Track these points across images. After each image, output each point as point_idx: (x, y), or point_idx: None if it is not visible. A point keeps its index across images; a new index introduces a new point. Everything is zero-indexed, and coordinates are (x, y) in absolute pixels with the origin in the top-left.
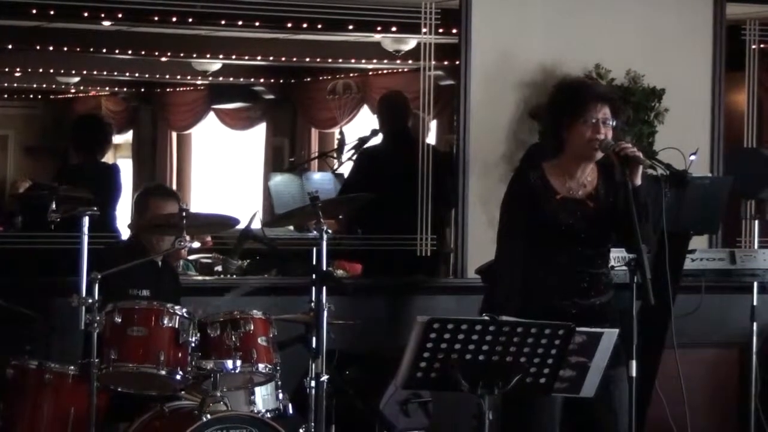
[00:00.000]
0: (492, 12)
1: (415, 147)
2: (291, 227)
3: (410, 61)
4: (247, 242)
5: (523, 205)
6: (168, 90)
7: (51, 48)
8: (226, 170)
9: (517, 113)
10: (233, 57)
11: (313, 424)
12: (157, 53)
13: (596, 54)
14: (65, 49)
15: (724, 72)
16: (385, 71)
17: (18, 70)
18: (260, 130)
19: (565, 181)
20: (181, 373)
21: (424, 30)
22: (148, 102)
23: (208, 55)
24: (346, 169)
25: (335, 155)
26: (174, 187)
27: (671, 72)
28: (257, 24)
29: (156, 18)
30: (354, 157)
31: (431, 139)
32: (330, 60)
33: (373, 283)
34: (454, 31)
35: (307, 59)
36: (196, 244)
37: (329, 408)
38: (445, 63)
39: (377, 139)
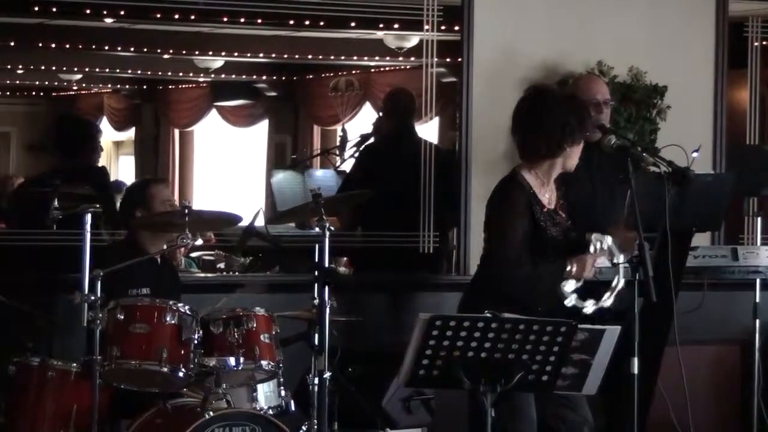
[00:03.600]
0: (494, 9)
1: (419, 144)
2: (293, 224)
3: (412, 59)
4: (250, 239)
5: (524, 212)
6: (170, 87)
7: (53, 45)
8: (229, 167)
9: None
10: (235, 54)
11: (315, 421)
12: (159, 50)
13: (598, 51)
14: (67, 46)
15: (727, 69)
16: (387, 68)
17: (20, 67)
18: (262, 127)
19: (544, 191)
20: (183, 370)
21: (426, 27)
22: (150, 99)
23: (210, 53)
24: (348, 166)
25: (337, 152)
26: (176, 184)
27: (673, 69)
28: (259, 21)
29: (158, 15)
30: (356, 153)
31: (433, 135)
32: (332, 57)
33: (375, 280)
34: (457, 28)
35: (310, 56)
36: (199, 242)
37: (332, 405)
38: (448, 60)
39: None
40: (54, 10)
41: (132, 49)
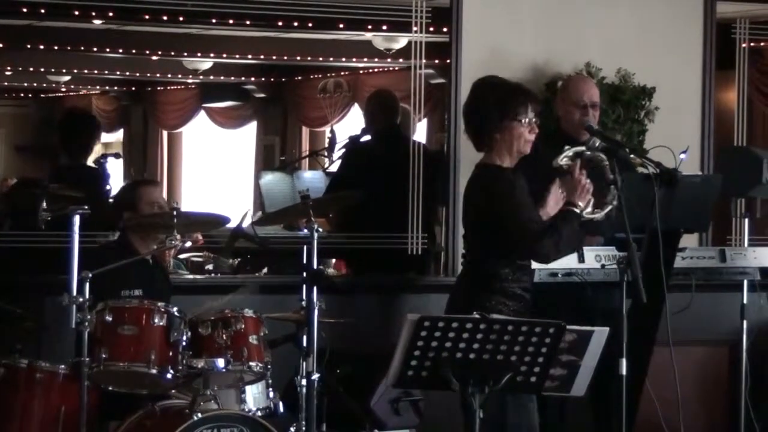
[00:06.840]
0: (483, 10)
1: (404, 145)
2: (281, 226)
3: (401, 60)
4: (238, 241)
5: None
6: (159, 89)
7: (42, 47)
8: (217, 169)
9: None
10: (224, 56)
11: (303, 422)
12: (147, 52)
13: (587, 52)
14: (56, 47)
15: (715, 70)
16: (375, 70)
17: (9, 68)
18: (251, 128)
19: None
20: (171, 371)
21: (414, 28)
22: (138, 101)
23: (198, 54)
24: (336, 167)
25: (326, 154)
26: (165, 185)
27: (662, 70)
28: (248, 22)
29: (147, 17)
30: (343, 153)
31: (421, 137)
32: (321, 58)
33: (363, 281)
34: (445, 29)
35: (298, 58)
36: (188, 244)
37: (320, 406)
38: (436, 61)
39: (367, 138)
40: (42, 11)
41: (120, 50)
